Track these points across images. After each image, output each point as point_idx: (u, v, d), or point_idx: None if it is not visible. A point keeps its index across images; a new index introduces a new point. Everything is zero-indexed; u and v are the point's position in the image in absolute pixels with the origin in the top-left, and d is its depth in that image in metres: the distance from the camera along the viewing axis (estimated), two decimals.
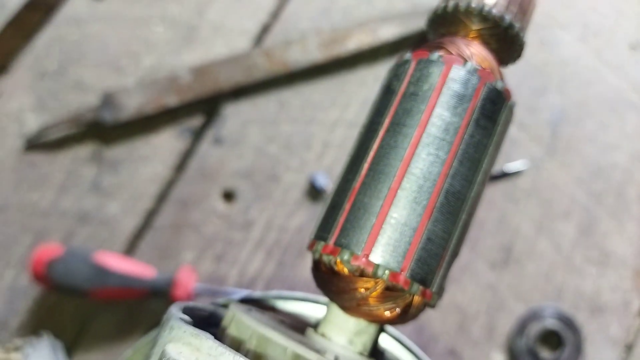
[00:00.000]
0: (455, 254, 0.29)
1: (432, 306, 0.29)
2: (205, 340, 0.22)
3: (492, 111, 0.30)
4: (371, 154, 0.29)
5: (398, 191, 0.28)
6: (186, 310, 0.29)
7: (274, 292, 0.39)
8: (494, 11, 0.31)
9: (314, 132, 0.71)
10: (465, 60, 0.30)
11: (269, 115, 0.72)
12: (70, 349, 0.64)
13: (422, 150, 0.28)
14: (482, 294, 0.65)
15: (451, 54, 0.31)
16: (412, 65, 0.31)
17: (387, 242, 0.27)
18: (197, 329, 0.22)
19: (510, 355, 0.64)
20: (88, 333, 0.65)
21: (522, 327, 0.64)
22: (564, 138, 0.71)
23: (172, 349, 0.22)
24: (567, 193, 0.69)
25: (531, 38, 0.75)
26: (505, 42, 0.33)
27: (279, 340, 0.25)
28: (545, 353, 0.63)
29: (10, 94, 0.74)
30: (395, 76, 0.31)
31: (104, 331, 0.65)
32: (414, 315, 0.29)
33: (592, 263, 0.67)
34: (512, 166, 0.69)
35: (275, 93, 0.72)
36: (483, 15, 0.31)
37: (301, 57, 0.72)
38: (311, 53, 0.72)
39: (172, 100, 0.71)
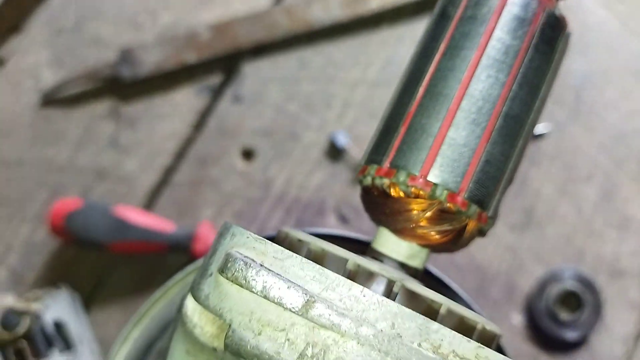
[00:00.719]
0: (510, 180, 0.29)
1: (484, 233, 0.28)
2: (270, 245, 0.21)
3: (551, 37, 0.29)
4: (427, 77, 0.29)
5: (457, 112, 0.27)
6: None
7: (312, 229, 0.38)
8: None
9: (335, 91, 0.70)
10: None
11: (289, 74, 0.71)
12: (87, 302, 0.63)
13: (481, 72, 0.28)
14: (502, 254, 0.65)
15: None
16: None
17: (445, 163, 0.26)
18: (259, 235, 0.22)
19: (529, 315, 0.64)
20: (105, 286, 0.64)
21: (541, 288, 0.63)
22: (587, 103, 0.70)
23: (236, 253, 0.21)
24: (590, 157, 0.68)
25: None
26: None
27: (338, 251, 0.25)
28: (564, 314, 0.63)
29: (26, 50, 0.73)
30: (449, 2, 0.30)
31: (121, 285, 0.64)
32: (467, 241, 0.28)
33: (613, 227, 0.66)
34: (535, 129, 0.68)
35: (295, 51, 0.71)
36: None
37: (323, 15, 0.70)
38: (333, 11, 0.70)
39: (191, 57, 0.70)
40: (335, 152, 0.68)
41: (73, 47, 0.73)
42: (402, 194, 0.27)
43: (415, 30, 0.72)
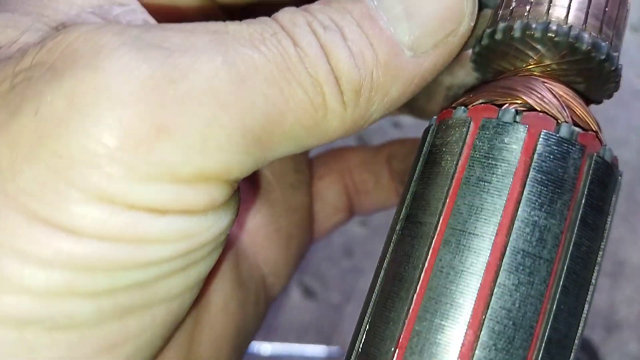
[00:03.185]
0: None
1: None
2: None
3: (602, 198, 0.19)
4: (423, 278, 0.18)
5: (476, 351, 0.17)
6: None
7: None
8: (586, 37, 0.20)
9: None
10: (557, 121, 0.19)
11: None
12: None
13: (506, 278, 0.17)
14: None
15: (531, 108, 0.19)
16: (473, 129, 0.19)
17: None
18: None
19: None
20: None
21: None
22: None
23: None
24: None
25: None
26: (598, 79, 0.21)
27: None
28: None
29: None
30: (444, 145, 0.20)
31: None
32: None
33: (606, 274, 0.58)
34: None
35: None
36: (570, 44, 0.20)
37: None
38: None
39: None
40: None
41: None
42: None
43: None
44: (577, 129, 0.19)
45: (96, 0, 0.22)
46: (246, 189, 0.29)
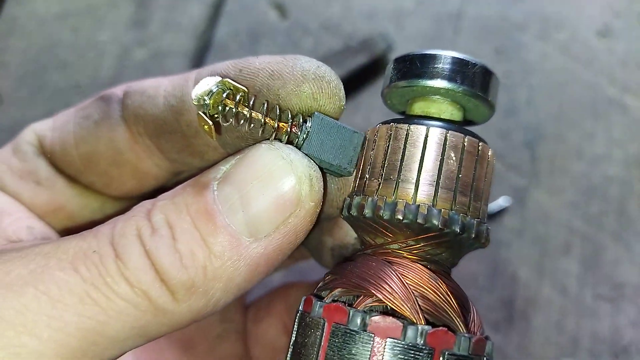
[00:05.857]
0: None
1: None
2: None
3: None
4: None
5: None
6: None
7: None
8: (435, 215, 0.19)
9: None
10: (405, 322, 0.18)
11: None
12: None
13: None
14: None
15: (383, 305, 0.18)
16: (326, 332, 0.18)
17: None
18: None
19: None
20: None
21: None
22: (546, 159, 0.59)
23: None
24: (562, 223, 0.57)
25: (484, 49, 0.62)
26: (461, 247, 0.20)
27: None
28: None
29: None
30: (303, 347, 0.19)
31: None
32: None
33: (606, 299, 0.55)
34: (493, 206, 0.57)
35: None
36: (419, 225, 0.19)
37: None
38: None
39: None
40: None
41: None
42: None
43: None
44: (426, 328, 0.18)
45: None
46: (167, 349, 0.28)
